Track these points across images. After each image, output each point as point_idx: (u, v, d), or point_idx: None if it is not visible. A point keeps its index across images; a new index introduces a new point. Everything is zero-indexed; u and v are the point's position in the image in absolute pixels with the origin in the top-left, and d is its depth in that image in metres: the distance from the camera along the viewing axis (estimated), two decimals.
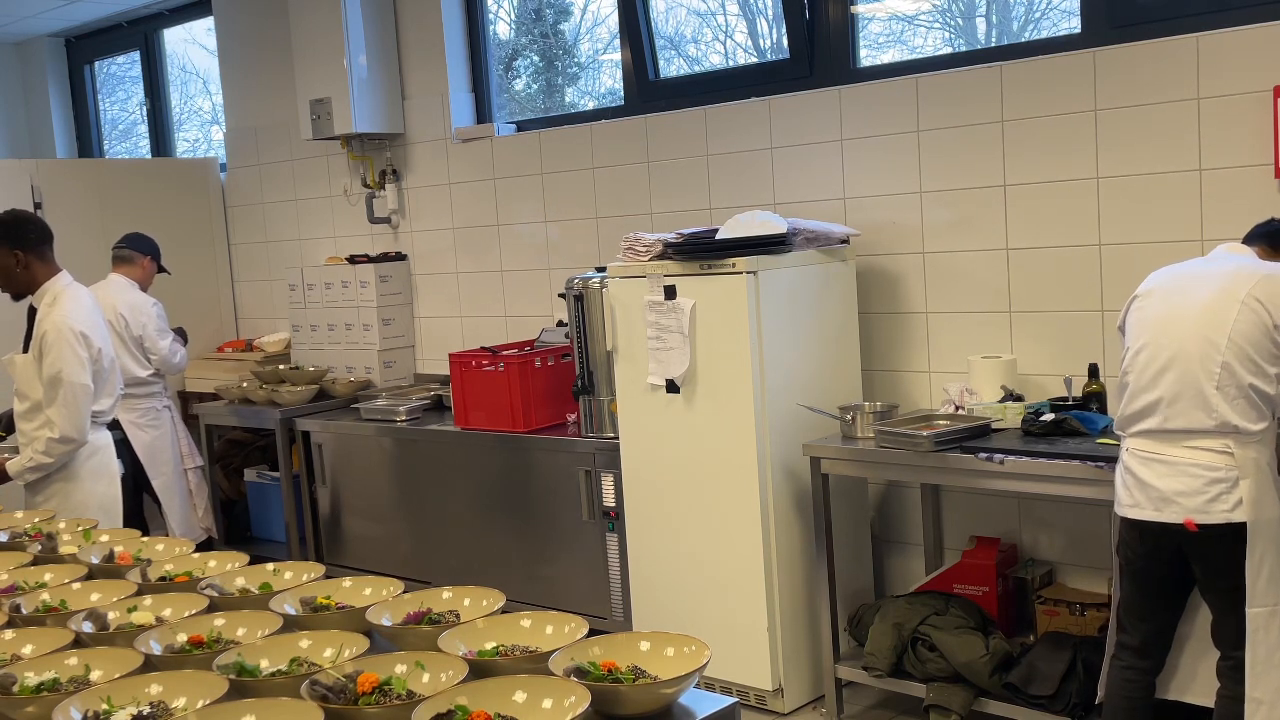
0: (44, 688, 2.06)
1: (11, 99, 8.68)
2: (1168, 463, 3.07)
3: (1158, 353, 3.11)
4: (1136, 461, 3.14)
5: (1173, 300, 3.15)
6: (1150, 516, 3.10)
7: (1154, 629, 3.27)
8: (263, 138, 7.10)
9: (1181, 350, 3.06)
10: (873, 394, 4.64)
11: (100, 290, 5.75)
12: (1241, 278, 3.08)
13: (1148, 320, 3.17)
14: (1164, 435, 3.09)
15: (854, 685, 4.20)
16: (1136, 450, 3.15)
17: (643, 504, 4.55)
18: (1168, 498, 3.06)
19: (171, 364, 5.85)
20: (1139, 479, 3.12)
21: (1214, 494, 3.01)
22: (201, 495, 6.03)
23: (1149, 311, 3.18)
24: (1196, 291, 3.12)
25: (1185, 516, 3.03)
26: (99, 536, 3.11)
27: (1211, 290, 3.09)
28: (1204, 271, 3.18)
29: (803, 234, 4.32)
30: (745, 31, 5.55)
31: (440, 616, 2.28)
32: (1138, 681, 3.29)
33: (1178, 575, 3.20)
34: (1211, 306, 3.06)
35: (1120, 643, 3.33)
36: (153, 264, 5.96)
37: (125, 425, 5.64)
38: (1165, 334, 3.11)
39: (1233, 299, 3.05)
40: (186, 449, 5.98)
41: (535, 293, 5.85)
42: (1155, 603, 3.25)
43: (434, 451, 5.45)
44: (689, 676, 1.94)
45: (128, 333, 5.67)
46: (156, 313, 5.80)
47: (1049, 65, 4.18)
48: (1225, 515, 3.00)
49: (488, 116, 6.16)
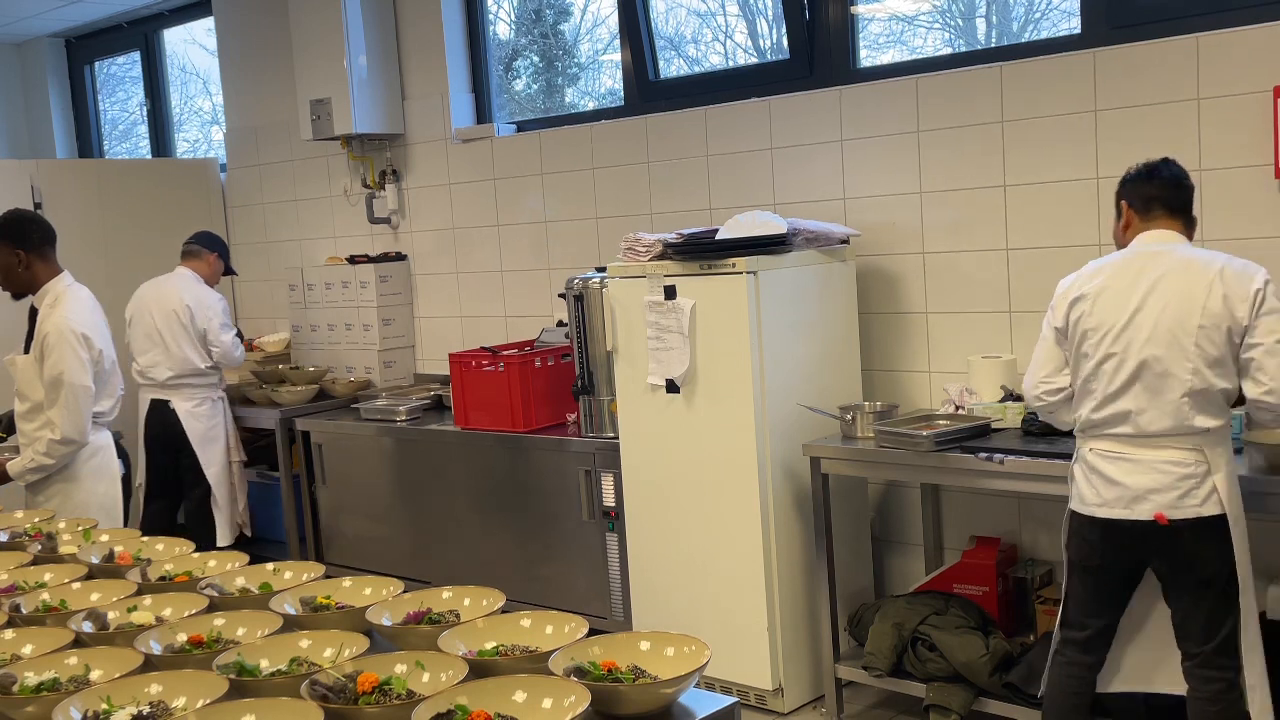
0: (44, 688, 2.07)
1: (11, 99, 8.68)
2: (1136, 461, 3.07)
3: (1124, 362, 3.07)
4: (1102, 460, 3.13)
5: (1128, 303, 3.07)
6: (1120, 515, 3.09)
7: (1100, 627, 3.29)
8: (263, 138, 7.10)
9: (1150, 361, 3.03)
10: (873, 394, 4.64)
11: (166, 282, 5.90)
12: (1197, 275, 3.02)
13: (1106, 328, 3.11)
14: (1133, 439, 3.10)
15: (854, 685, 4.20)
16: (1102, 450, 3.14)
17: (643, 504, 4.55)
18: (1139, 495, 3.06)
19: (232, 357, 5.97)
20: (1107, 478, 3.11)
21: (1185, 489, 3.02)
22: (243, 490, 6.07)
23: (1105, 318, 3.11)
24: (1156, 294, 3.05)
25: (1156, 512, 3.04)
26: (99, 536, 3.11)
27: (1172, 294, 3.02)
28: (1153, 271, 3.08)
29: (803, 234, 4.32)
30: (745, 31, 5.55)
31: (440, 616, 2.28)
32: (1082, 677, 3.31)
33: (1136, 574, 3.23)
34: (1175, 311, 3.01)
35: (1066, 639, 3.33)
36: (219, 261, 6.09)
37: (182, 415, 5.77)
38: (1130, 344, 3.06)
39: (1195, 303, 3.00)
40: (234, 443, 6.03)
41: (535, 293, 5.85)
42: (1108, 601, 3.26)
43: (434, 451, 5.45)
44: (689, 676, 1.94)
45: (192, 325, 5.78)
46: (222, 307, 5.93)
47: (1049, 65, 4.18)
48: (1196, 510, 3.02)
49: (488, 117, 6.16)
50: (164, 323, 5.78)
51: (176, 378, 5.79)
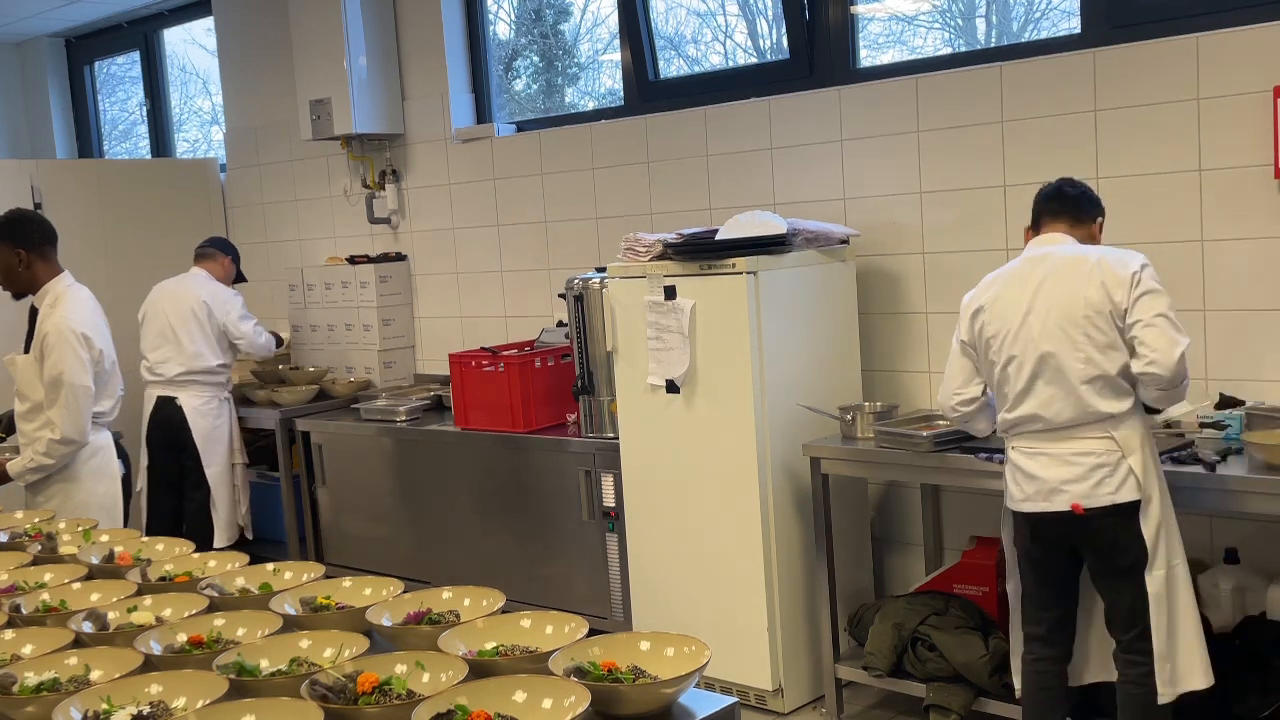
0: (44, 688, 2.06)
1: (11, 99, 8.68)
2: (1051, 455, 3.19)
3: (1024, 363, 3.20)
4: (1023, 457, 3.26)
5: (1020, 307, 3.23)
6: (1040, 508, 3.22)
7: (1056, 617, 3.38)
8: (263, 138, 7.09)
9: (1046, 356, 3.16)
10: (873, 394, 4.64)
11: (182, 282, 5.98)
12: (1077, 269, 3.17)
13: (1004, 333, 3.25)
14: (1046, 435, 3.20)
15: (854, 685, 4.20)
16: (1022, 448, 3.27)
17: (643, 504, 4.55)
18: (1055, 488, 3.18)
19: (258, 345, 6.02)
20: (1027, 473, 3.24)
21: (1098, 479, 3.13)
22: (245, 492, 6.07)
23: (1003, 324, 3.26)
24: (1042, 294, 3.20)
25: (1072, 502, 3.13)
26: (99, 536, 3.11)
27: (1056, 291, 3.18)
28: (1039, 274, 3.23)
29: (803, 234, 4.32)
30: (745, 31, 5.55)
31: (440, 616, 2.28)
32: (1051, 671, 3.39)
33: (1073, 561, 3.32)
34: (1061, 306, 3.16)
35: (1027, 634, 3.43)
36: (232, 265, 6.19)
37: (188, 412, 5.80)
38: (1027, 344, 3.20)
39: (1077, 296, 3.14)
40: (238, 444, 6.03)
41: (535, 293, 5.84)
42: (1055, 590, 3.36)
43: (434, 451, 5.44)
44: (689, 676, 1.94)
45: (209, 321, 5.85)
46: (239, 301, 6.01)
47: (1049, 65, 4.18)
48: (1110, 498, 3.12)
49: (488, 117, 6.16)
50: (179, 319, 5.80)
51: (186, 374, 5.81)
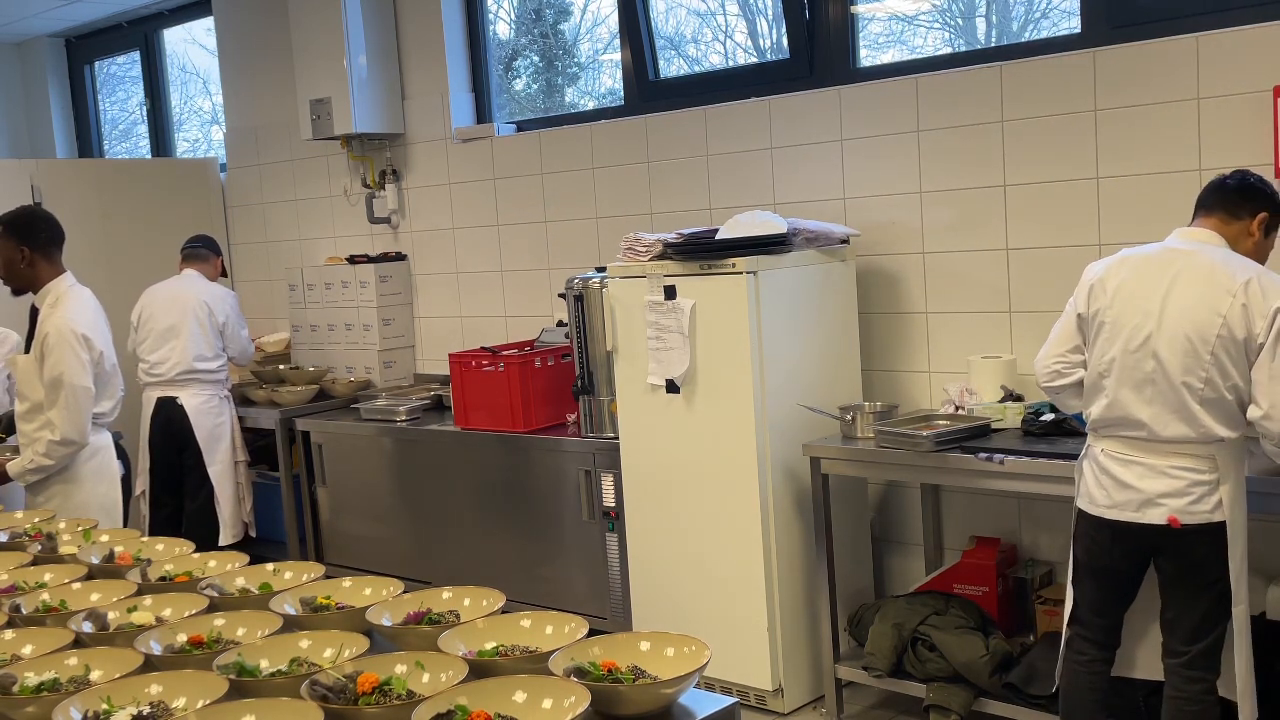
0: (44, 688, 2.06)
1: (11, 99, 8.67)
2: (1148, 465, 3.05)
3: (1139, 364, 3.03)
4: (1115, 464, 3.10)
5: (1147, 303, 3.03)
6: (1131, 518, 3.07)
7: (1112, 623, 3.29)
8: (263, 138, 7.09)
9: (1165, 365, 2.99)
10: (873, 394, 4.64)
11: (180, 283, 6.02)
12: (1221, 284, 2.96)
13: (1120, 325, 3.07)
14: (1145, 443, 3.07)
15: (854, 685, 4.20)
16: (1114, 452, 3.11)
17: (643, 504, 4.55)
18: (1151, 499, 3.04)
19: (248, 353, 6.19)
20: (1118, 480, 3.09)
21: (1197, 495, 3.00)
22: (249, 490, 6.08)
23: (1119, 314, 3.07)
24: (1175, 296, 2.99)
25: (1169, 515, 3.02)
26: (99, 537, 3.11)
27: (1191, 298, 2.97)
28: (1173, 270, 3.03)
29: (803, 234, 4.32)
30: (745, 31, 5.55)
31: (440, 616, 2.28)
32: (1100, 673, 3.30)
33: (1143, 572, 3.22)
34: (1193, 319, 2.96)
35: (1078, 635, 3.32)
36: (222, 265, 6.32)
37: (190, 411, 5.82)
38: (1145, 345, 3.02)
39: (1214, 313, 2.94)
40: (239, 442, 6.05)
41: (535, 293, 5.84)
42: (1117, 598, 3.26)
43: (434, 451, 5.44)
44: (689, 676, 1.94)
45: (210, 320, 5.89)
46: (238, 306, 6.13)
47: (1049, 65, 4.18)
48: (1207, 515, 3.01)
49: (488, 116, 6.16)
50: (179, 320, 5.82)
51: (186, 374, 5.81)
